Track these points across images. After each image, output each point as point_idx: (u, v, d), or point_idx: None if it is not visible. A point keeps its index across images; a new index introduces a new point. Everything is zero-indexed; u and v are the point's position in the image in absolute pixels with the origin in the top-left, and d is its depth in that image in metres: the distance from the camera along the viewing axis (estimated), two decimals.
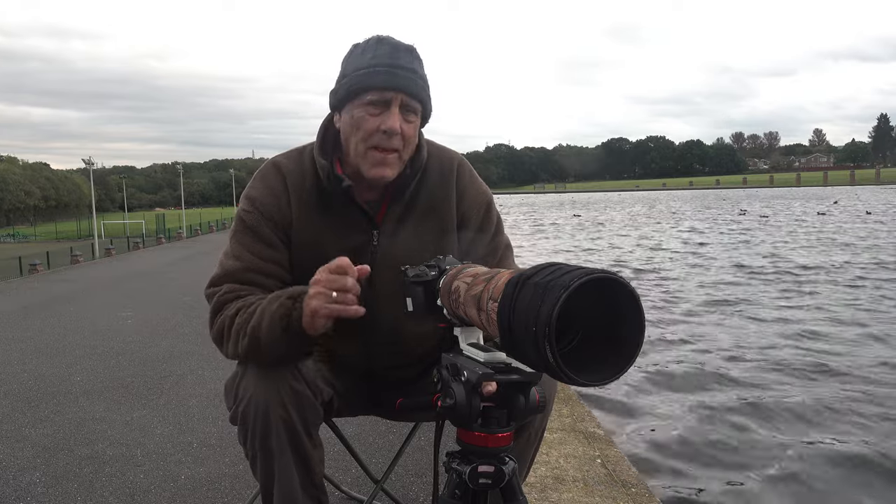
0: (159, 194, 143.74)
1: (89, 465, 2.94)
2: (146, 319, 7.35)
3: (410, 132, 1.45)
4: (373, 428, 3.26)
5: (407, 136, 1.45)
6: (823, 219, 36.31)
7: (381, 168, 1.45)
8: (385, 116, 1.41)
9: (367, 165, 1.45)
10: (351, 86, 1.43)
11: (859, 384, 6.60)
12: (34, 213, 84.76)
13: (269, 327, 1.33)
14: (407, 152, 1.48)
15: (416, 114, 1.46)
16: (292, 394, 1.39)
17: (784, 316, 10.21)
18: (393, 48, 1.44)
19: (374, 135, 1.42)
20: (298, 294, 1.33)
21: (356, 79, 1.42)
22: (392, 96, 1.41)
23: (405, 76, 1.42)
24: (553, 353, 0.82)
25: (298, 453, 1.42)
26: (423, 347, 1.59)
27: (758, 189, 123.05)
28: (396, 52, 1.43)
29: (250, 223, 1.51)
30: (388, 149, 1.43)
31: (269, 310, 1.34)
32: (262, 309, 1.36)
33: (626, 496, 2.45)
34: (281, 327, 1.32)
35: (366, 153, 1.44)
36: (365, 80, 1.41)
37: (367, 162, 1.45)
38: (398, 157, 1.46)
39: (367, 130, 1.43)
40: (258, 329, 1.35)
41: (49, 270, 16.69)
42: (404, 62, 1.43)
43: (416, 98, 1.44)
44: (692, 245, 23.00)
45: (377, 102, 1.42)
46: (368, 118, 1.42)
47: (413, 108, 1.44)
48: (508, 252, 1.67)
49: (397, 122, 1.41)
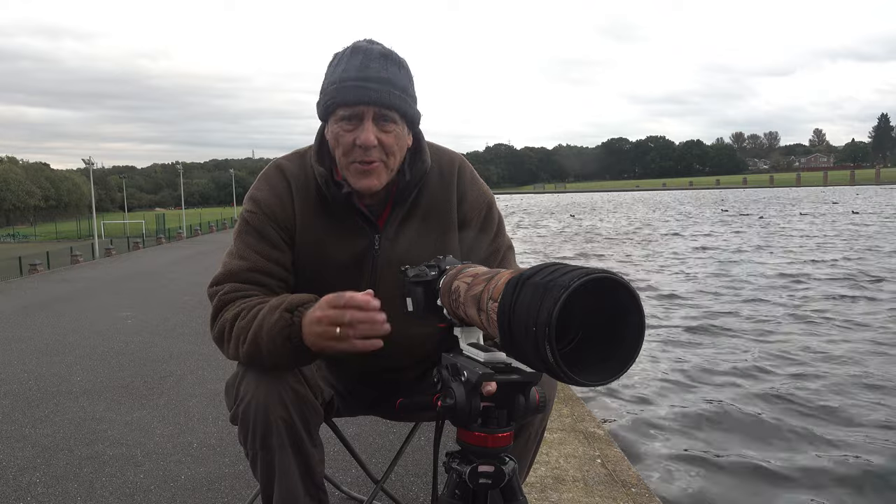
0: (159, 194, 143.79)
1: (89, 465, 2.94)
2: (146, 319, 7.34)
3: (390, 141, 1.43)
4: (373, 428, 3.26)
5: (387, 146, 1.43)
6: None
7: (366, 179, 1.44)
8: (359, 131, 1.41)
9: (352, 178, 1.45)
10: (325, 102, 1.44)
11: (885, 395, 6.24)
12: (34, 213, 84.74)
13: (270, 339, 1.34)
14: (392, 160, 1.46)
15: (395, 122, 1.43)
16: (293, 394, 1.40)
17: (801, 322, 9.75)
18: (365, 58, 1.41)
19: (352, 149, 1.42)
20: (296, 306, 1.34)
21: (329, 94, 1.43)
22: (363, 110, 1.40)
23: (375, 88, 1.39)
24: (553, 353, 0.82)
25: (299, 453, 1.43)
26: (424, 348, 1.59)
27: (757, 189, 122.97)
28: (368, 62, 1.41)
29: (255, 224, 1.51)
30: (368, 160, 1.42)
31: (268, 320, 1.35)
32: (261, 318, 1.36)
33: (626, 496, 2.45)
34: (282, 338, 1.33)
35: (349, 167, 1.45)
36: (336, 97, 1.41)
37: (351, 175, 1.45)
38: (382, 165, 1.45)
39: (345, 146, 1.43)
40: (258, 338, 1.35)
41: (49, 270, 16.68)
42: (375, 72, 1.40)
43: (390, 108, 1.41)
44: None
45: (350, 118, 1.41)
46: (344, 133, 1.42)
47: (389, 118, 1.42)
48: (510, 253, 1.67)
49: (371, 136, 1.40)
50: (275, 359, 1.36)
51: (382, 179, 1.46)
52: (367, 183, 1.45)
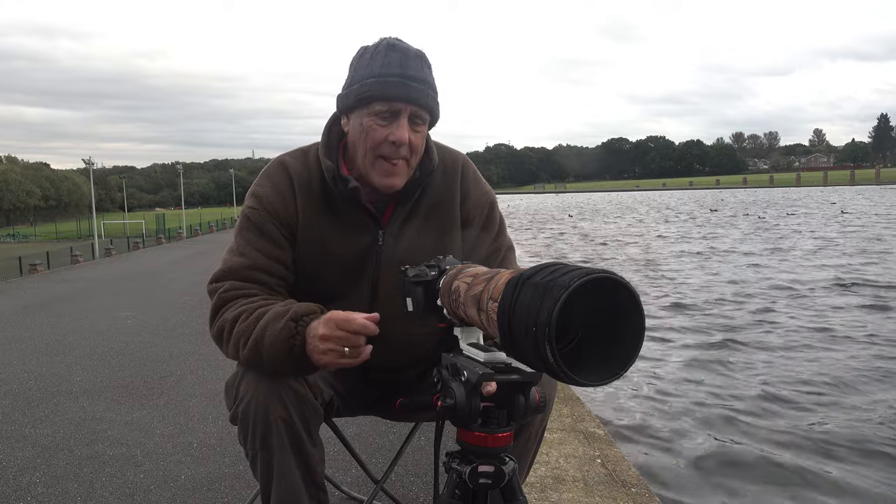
0: (159, 194, 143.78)
1: (89, 465, 2.94)
2: (146, 319, 7.34)
3: (418, 141, 1.45)
4: (373, 428, 3.26)
5: (414, 146, 1.44)
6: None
7: (390, 178, 1.45)
8: (394, 127, 1.41)
9: (376, 175, 1.45)
10: (360, 94, 1.42)
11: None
12: (34, 213, 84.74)
13: (272, 346, 1.34)
14: (415, 160, 1.48)
15: (424, 123, 1.46)
16: (293, 394, 1.39)
17: (805, 324, 9.56)
18: (403, 56, 1.41)
19: (382, 145, 1.42)
20: (301, 315, 1.34)
21: (366, 87, 1.40)
22: (401, 107, 1.40)
23: (416, 88, 1.40)
24: (553, 353, 0.82)
25: (299, 453, 1.42)
26: (424, 348, 1.59)
27: (757, 189, 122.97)
28: (406, 61, 1.41)
29: (256, 221, 1.51)
30: (395, 158, 1.43)
31: (272, 328, 1.34)
32: (264, 324, 1.36)
33: (626, 496, 2.45)
34: (285, 347, 1.33)
35: (374, 162, 1.44)
36: (375, 90, 1.40)
37: (375, 171, 1.45)
38: (406, 165, 1.46)
39: (375, 140, 1.42)
40: (260, 345, 1.35)
41: (49, 270, 16.67)
42: (415, 72, 1.41)
43: (425, 109, 1.43)
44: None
45: (386, 113, 1.41)
46: (377, 128, 1.42)
47: (422, 118, 1.44)
48: (511, 253, 1.67)
49: (406, 134, 1.41)
50: (275, 366, 1.36)
51: (404, 179, 1.47)
52: (390, 181, 1.45)
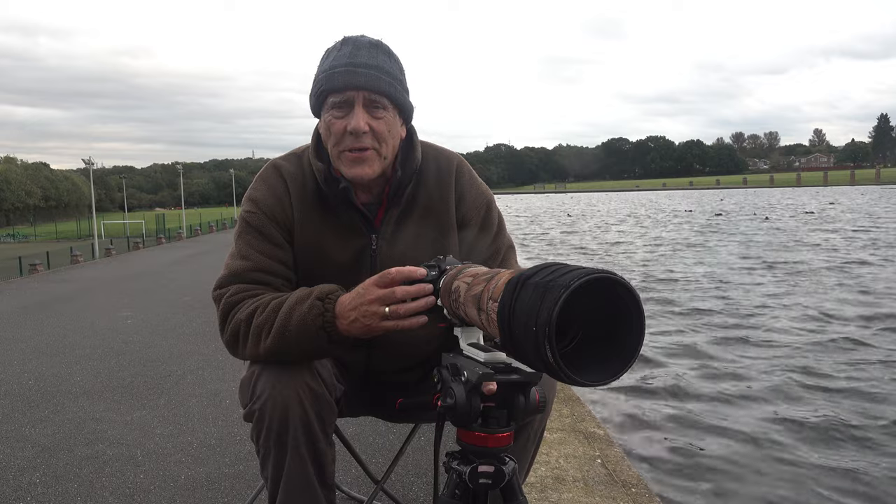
0: (159, 194, 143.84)
1: (89, 465, 2.94)
2: (146, 319, 7.34)
3: (381, 127, 1.43)
4: (373, 428, 3.26)
5: (378, 132, 1.43)
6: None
7: (359, 166, 1.43)
8: (349, 117, 1.41)
9: (345, 167, 1.45)
10: (317, 91, 1.44)
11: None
12: (34, 213, 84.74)
13: (301, 328, 1.33)
14: (385, 148, 1.45)
15: (385, 108, 1.43)
16: (309, 391, 1.39)
17: (800, 322, 9.56)
18: (354, 47, 1.42)
19: (343, 137, 1.42)
20: (326, 294, 1.34)
21: (319, 83, 1.43)
22: (352, 95, 1.40)
23: (364, 73, 1.39)
24: (553, 353, 0.82)
25: (313, 452, 1.42)
26: (424, 348, 1.59)
27: (757, 189, 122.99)
28: (356, 51, 1.41)
29: (255, 224, 1.51)
30: (359, 148, 1.42)
31: (298, 310, 1.34)
32: (288, 309, 1.35)
33: (626, 496, 2.45)
34: (316, 326, 1.32)
35: (340, 156, 1.44)
36: (326, 84, 1.41)
37: (343, 164, 1.45)
38: (375, 153, 1.44)
39: (336, 134, 1.43)
40: (286, 329, 1.34)
41: (49, 270, 16.67)
42: (364, 59, 1.41)
43: (380, 93, 1.41)
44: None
45: (340, 104, 1.41)
46: (335, 121, 1.42)
47: (379, 104, 1.42)
48: (511, 253, 1.67)
49: (362, 121, 1.40)
50: (304, 346, 1.35)
51: (375, 168, 1.45)
52: (359, 171, 1.44)
